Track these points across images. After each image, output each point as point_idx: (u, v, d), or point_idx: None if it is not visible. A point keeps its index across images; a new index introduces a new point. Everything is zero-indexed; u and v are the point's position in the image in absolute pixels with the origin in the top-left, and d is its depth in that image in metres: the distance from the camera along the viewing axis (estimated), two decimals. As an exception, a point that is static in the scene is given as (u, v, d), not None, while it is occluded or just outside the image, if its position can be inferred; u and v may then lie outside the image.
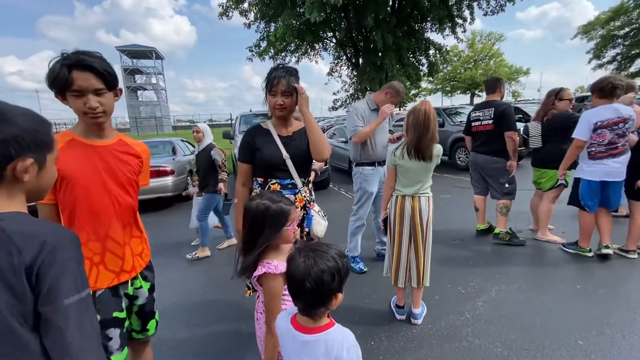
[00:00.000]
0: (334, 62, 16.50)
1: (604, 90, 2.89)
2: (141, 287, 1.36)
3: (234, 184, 1.87)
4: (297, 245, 1.19)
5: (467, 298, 2.56)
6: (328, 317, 0.99)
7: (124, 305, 1.30)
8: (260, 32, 13.58)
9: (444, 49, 13.40)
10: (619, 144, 2.84)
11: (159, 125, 44.20)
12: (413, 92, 27.78)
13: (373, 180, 3.03)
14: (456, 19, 12.53)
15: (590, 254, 3.10)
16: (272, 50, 13.47)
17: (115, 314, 1.25)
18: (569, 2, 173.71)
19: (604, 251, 3.01)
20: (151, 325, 1.44)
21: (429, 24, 13.29)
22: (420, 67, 13.94)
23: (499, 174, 3.46)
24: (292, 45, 14.22)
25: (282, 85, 1.62)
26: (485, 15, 12.35)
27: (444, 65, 23.69)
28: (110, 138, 1.27)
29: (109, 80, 1.15)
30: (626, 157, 2.87)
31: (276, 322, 1.05)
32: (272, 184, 1.72)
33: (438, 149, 2.15)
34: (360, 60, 13.84)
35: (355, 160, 3.08)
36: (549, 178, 3.40)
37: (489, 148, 3.48)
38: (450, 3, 12.16)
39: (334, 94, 17.96)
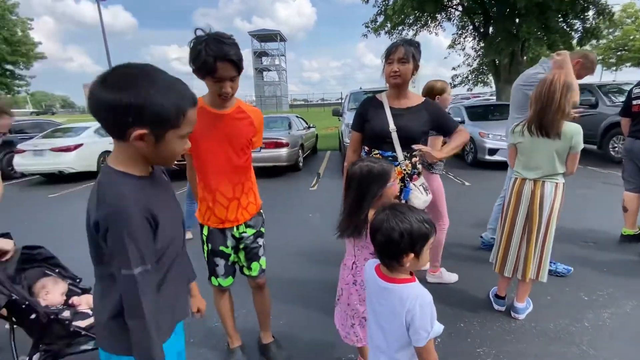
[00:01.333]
0: (457, 33, 14.91)
1: None
2: (245, 232, 1.64)
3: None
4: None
5: (590, 306, 2.20)
6: (411, 274, 1.07)
7: (229, 243, 1.60)
8: (378, 7, 13.23)
9: (608, 10, 10.40)
10: None
11: (278, 104, 48.96)
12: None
13: None
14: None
15: None
16: (388, 25, 13.03)
17: (220, 248, 1.58)
18: None
19: None
20: (254, 266, 1.70)
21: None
22: (573, 33, 11.28)
23: (666, 167, 2.70)
24: (410, 17, 13.44)
25: (399, 52, 1.66)
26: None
27: (609, 31, 18.51)
28: (231, 107, 1.50)
29: (241, 67, 1.38)
30: None
31: (364, 268, 1.19)
32: (374, 154, 1.83)
33: (572, 128, 1.85)
34: (491, 29, 12.09)
35: None
36: None
37: (654, 132, 2.72)
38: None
39: (454, 69, 16.40)
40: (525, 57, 10.75)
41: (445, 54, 15.99)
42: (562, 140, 1.86)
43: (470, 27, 13.98)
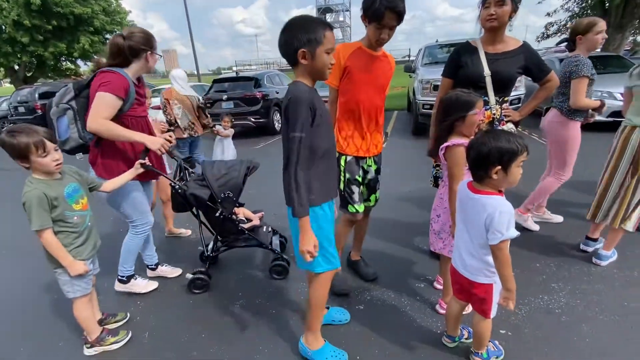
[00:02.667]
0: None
1: None
2: (371, 166, 1.92)
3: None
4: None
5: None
6: (500, 192, 1.24)
7: (360, 173, 1.89)
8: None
9: None
10: None
11: (341, 62, 47.46)
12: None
13: None
14: None
15: None
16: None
17: (356, 177, 1.88)
18: None
19: None
20: (372, 197, 2.00)
21: None
22: None
23: None
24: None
25: None
26: None
27: None
28: (380, 50, 1.76)
29: (402, 19, 1.60)
30: None
31: (459, 185, 1.41)
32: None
33: None
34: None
35: None
36: None
37: None
38: None
39: (549, 14, 14.12)
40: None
41: (539, -2, 13.75)
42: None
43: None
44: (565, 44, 2.41)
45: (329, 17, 52.31)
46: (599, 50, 2.54)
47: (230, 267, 2.47)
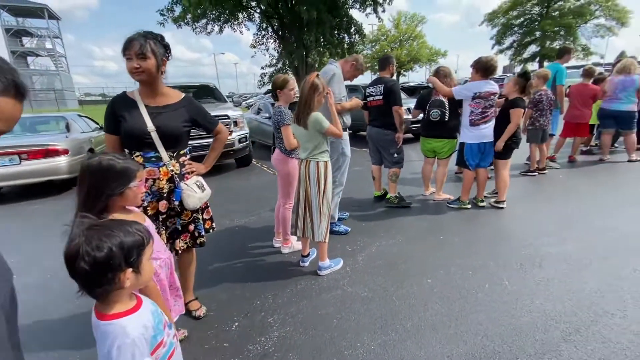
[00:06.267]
0: (258, 34, 15.88)
1: (487, 69, 3.48)
2: None
3: None
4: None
5: (351, 254, 2.90)
6: (137, 301, 0.98)
7: None
8: (174, -6, 12.34)
9: (362, 32, 13.96)
10: (489, 112, 3.50)
11: (60, 99, 37.77)
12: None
13: (348, 144, 3.28)
14: (378, -3, 12.94)
15: (469, 206, 3.80)
16: (189, 16, 12.40)
17: None
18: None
19: (480, 204, 3.82)
20: None
21: (352, 2, 13.52)
22: (345, 44, 14.25)
23: (389, 145, 3.86)
24: (213, 12, 13.27)
25: (135, 47, 1.58)
26: (401, -4, 12.96)
27: (364, 46, 24.81)
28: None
29: None
30: (492, 123, 3.57)
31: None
32: (135, 156, 1.70)
33: (312, 117, 2.34)
34: (287, 33, 13.59)
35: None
36: (451, 147, 3.94)
37: (381, 122, 3.82)
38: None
39: (262, 68, 17.50)
40: (310, 60, 12.75)
41: (252, 53, 16.82)
42: (308, 128, 2.34)
43: (270, 29, 15.22)
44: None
45: (28, 43, 40.69)
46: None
47: None
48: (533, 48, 29.93)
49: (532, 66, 30.33)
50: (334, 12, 12.69)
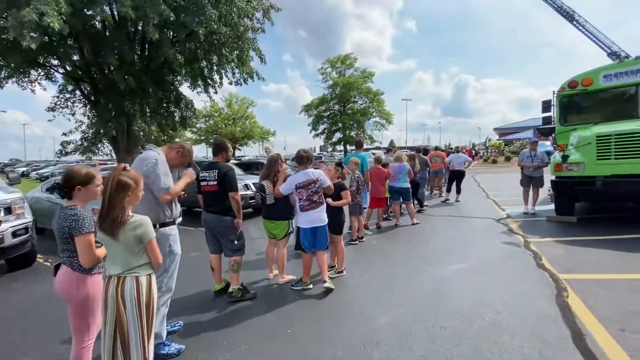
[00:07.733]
0: (61, 96, 13.14)
1: (301, 160, 3.81)
2: None
3: None
4: None
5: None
6: None
7: None
8: None
9: (193, 108, 13.94)
10: (315, 199, 3.74)
11: None
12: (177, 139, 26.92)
13: (178, 240, 2.86)
14: (208, 80, 13.43)
15: (311, 287, 3.82)
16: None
17: None
18: (295, 85, 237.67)
19: (325, 285, 3.68)
20: None
21: (181, 78, 13.48)
22: (176, 117, 13.65)
23: (228, 232, 3.57)
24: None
25: None
26: (230, 84, 14.00)
27: (196, 120, 25.21)
28: None
29: None
30: (324, 207, 3.84)
31: None
32: None
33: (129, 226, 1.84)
34: (101, 99, 11.81)
35: (159, 221, 2.68)
36: (283, 228, 3.98)
37: (217, 207, 3.55)
38: (201, 65, 12.97)
39: (65, 134, 14.16)
40: (137, 130, 11.39)
41: (50, 117, 13.49)
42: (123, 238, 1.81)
43: (78, 92, 12.95)
44: None
45: None
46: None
47: None
48: (338, 135, 38.08)
49: (339, 148, 38.61)
50: (159, 85, 12.20)
